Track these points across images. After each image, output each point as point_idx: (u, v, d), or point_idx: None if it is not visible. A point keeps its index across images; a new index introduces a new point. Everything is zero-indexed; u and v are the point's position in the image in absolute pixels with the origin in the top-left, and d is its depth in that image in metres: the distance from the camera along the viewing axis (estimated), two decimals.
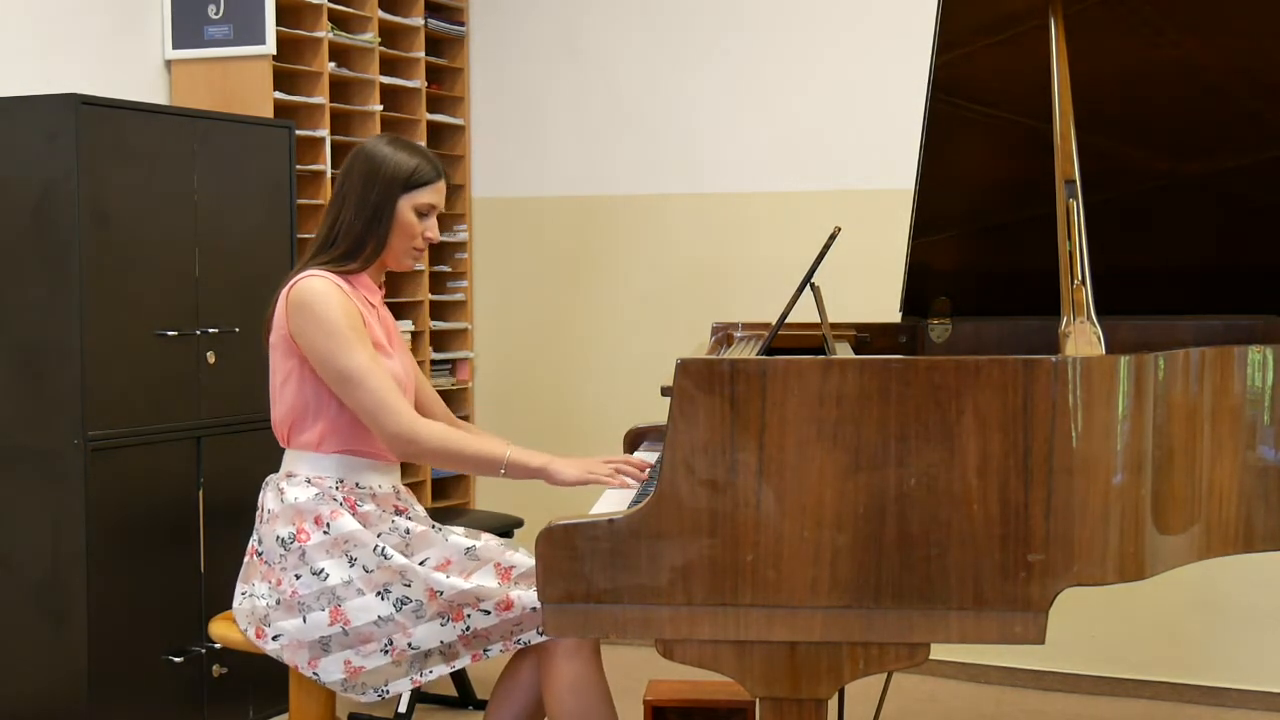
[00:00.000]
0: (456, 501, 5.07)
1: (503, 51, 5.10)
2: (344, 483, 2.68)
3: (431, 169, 2.76)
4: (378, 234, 2.72)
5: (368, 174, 2.73)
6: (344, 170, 2.78)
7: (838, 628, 2.11)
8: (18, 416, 3.53)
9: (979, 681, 4.41)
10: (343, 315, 2.62)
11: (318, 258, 2.73)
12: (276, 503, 2.68)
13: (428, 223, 2.78)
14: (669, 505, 2.10)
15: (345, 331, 2.61)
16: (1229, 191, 3.00)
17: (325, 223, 2.77)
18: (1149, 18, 2.63)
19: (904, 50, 4.05)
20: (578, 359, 5.03)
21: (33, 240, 3.49)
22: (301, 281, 2.66)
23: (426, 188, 2.75)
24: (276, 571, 2.64)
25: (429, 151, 2.82)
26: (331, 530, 2.62)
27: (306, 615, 2.60)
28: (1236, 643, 4.16)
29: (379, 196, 2.72)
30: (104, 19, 4.09)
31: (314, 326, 2.62)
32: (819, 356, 2.13)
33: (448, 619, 2.59)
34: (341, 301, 2.64)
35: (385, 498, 2.73)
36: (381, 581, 2.59)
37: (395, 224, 2.73)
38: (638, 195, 4.90)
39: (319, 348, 2.62)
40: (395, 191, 2.72)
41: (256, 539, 2.72)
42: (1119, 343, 2.97)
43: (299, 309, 2.63)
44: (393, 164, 2.73)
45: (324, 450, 2.69)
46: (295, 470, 2.70)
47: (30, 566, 3.54)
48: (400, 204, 2.73)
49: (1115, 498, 2.10)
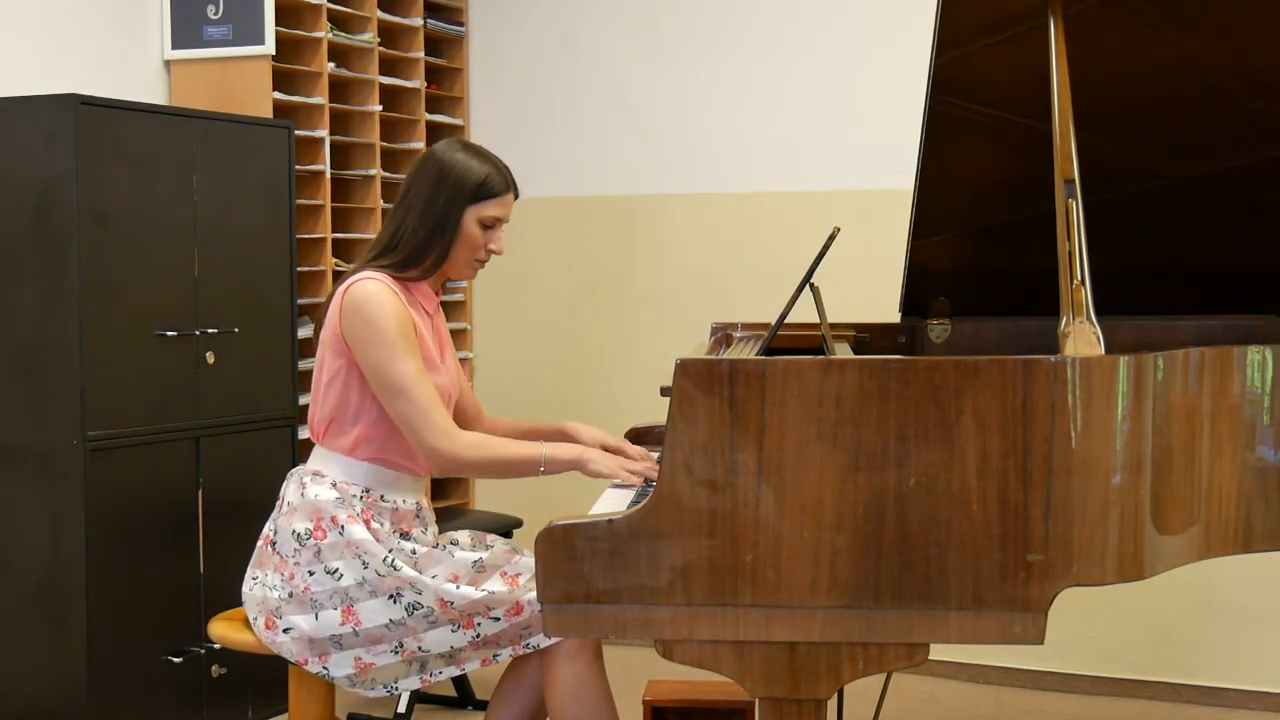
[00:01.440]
0: (456, 502, 5.07)
1: (502, 51, 5.09)
2: (369, 493, 2.65)
3: (502, 180, 2.70)
4: (441, 244, 2.67)
5: (436, 181, 2.67)
6: (413, 172, 2.72)
7: (837, 628, 2.11)
8: (17, 416, 3.53)
9: (978, 681, 4.41)
10: (395, 323, 2.57)
11: (379, 260, 2.67)
12: (297, 496, 2.66)
13: (492, 235, 2.71)
14: (668, 505, 2.10)
15: (396, 339, 2.56)
16: (1229, 191, 3.00)
17: (389, 225, 2.71)
18: (1149, 18, 2.63)
19: (904, 50, 4.05)
20: (577, 359, 5.03)
21: (32, 240, 3.49)
22: (358, 283, 2.61)
23: (494, 200, 2.69)
24: (290, 565, 2.63)
25: (501, 162, 2.74)
26: (345, 534, 2.60)
27: (319, 613, 2.60)
28: (1236, 643, 4.16)
29: (444, 205, 2.66)
30: (104, 19, 4.09)
31: (366, 331, 2.58)
32: (818, 357, 2.13)
33: (458, 625, 2.60)
34: (396, 308, 2.59)
35: (405, 515, 2.70)
36: (393, 587, 2.59)
37: (460, 235, 2.67)
38: (637, 195, 4.90)
39: (369, 353, 2.58)
40: (462, 202, 2.66)
41: (273, 528, 2.71)
42: (1119, 343, 2.97)
43: (353, 311, 2.59)
44: (461, 172, 2.66)
45: (356, 456, 2.66)
46: (323, 470, 2.68)
47: (30, 566, 3.54)
48: (466, 215, 2.67)
49: (1115, 498, 2.10)
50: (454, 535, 2.81)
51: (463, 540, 2.79)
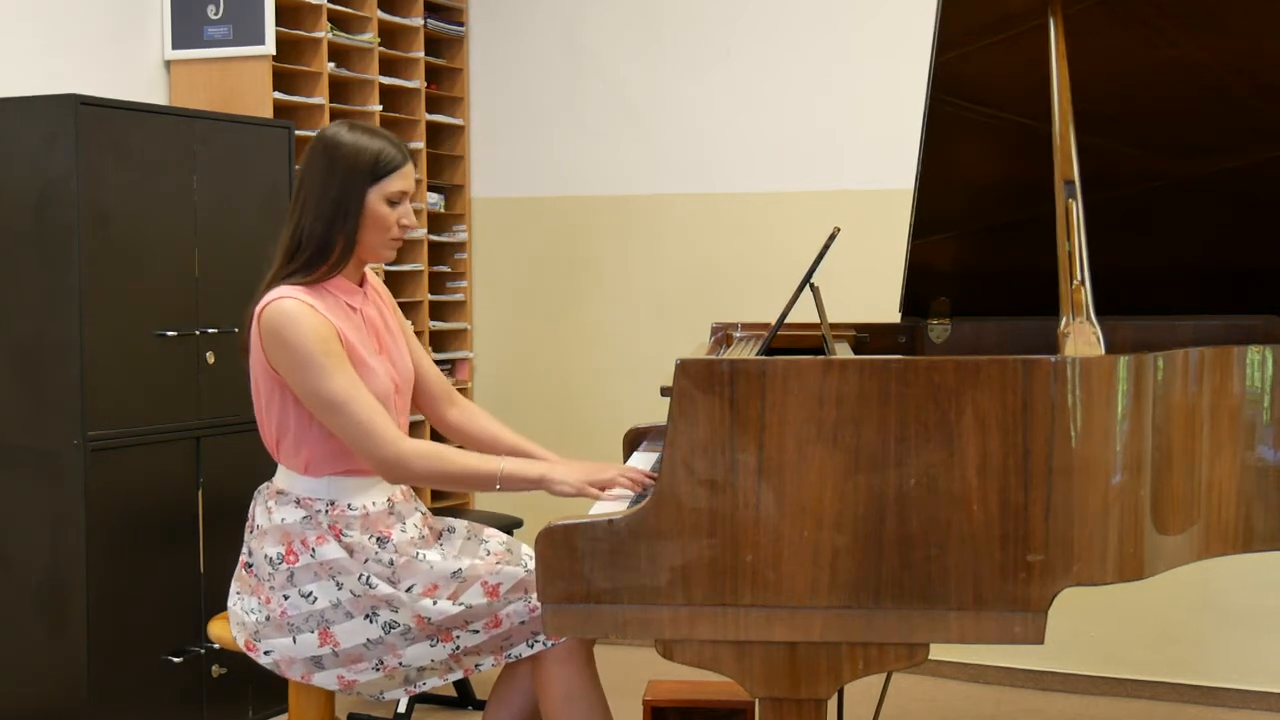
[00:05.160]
0: (456, 503, 5.07)
1: (502, 51, 5.09)
2: (334, 505, 2.57)
3: (397, 152, 2.55)
4: (345, 232, 2.53)
5: (327, 168, 2.53)
6: (303, 165, 2.58)
7: (837, 628, 2.11)
8: (18, 416, 3.53)
9: (979, 681, 4.41)
10: (316, 341, 2.46)
11: (285, 269, 2.55)
12: (265, 519, 2.61)
13: (401, 210, 2.57)
14: (668, 506, 2.10)
15: (320, 359, 2.45)
16: (1229, 191, 3.00)
17: (287, 227, 2.57)
18: (1149, 18, 2.63)
19: (904, 50, 4.05)
20: (577, 359, 5.03)
21: (33, 240, 3.49)
22: (270, 305, 2.49)
23: (394, 174, 2.54)
24: (265, 589, 2.59)
25: (390, 134, 2.60)
26: (317, 555, 2.55)
27: (296, 636, 2.55)
28: (1236, 643, 4.16)
29: (341, 190, 2.52)
30: (104, 19, 4.09)
31: (288, 355, 2.47)
32: (818, 357, 2.13)
33: (437, 640, 2.56)
34: (314, 325, 2.47)
35: (377, 517, 2.60)
36: (369, 606, 2.54)
37: (365, 218, 2.54)
38: (637, 195, 4.90)
39: (297, 376, 2.47)
40: (361, 183, 2.52)
41: (247, 551, 2.66)
42: (1119, 343, 2.98)
43: (271, 337, 2.48)
44: (353, 153, 2.52)
45: (312, 474, 2.58)
46: (286, 489, 2.61)
47: (30, 566, 3.54)
48: (369, 196, 2.53)
49: (1114, 498, 2.10)
50: (451, 523, 2.76)
51: (459, 529, 2.74)
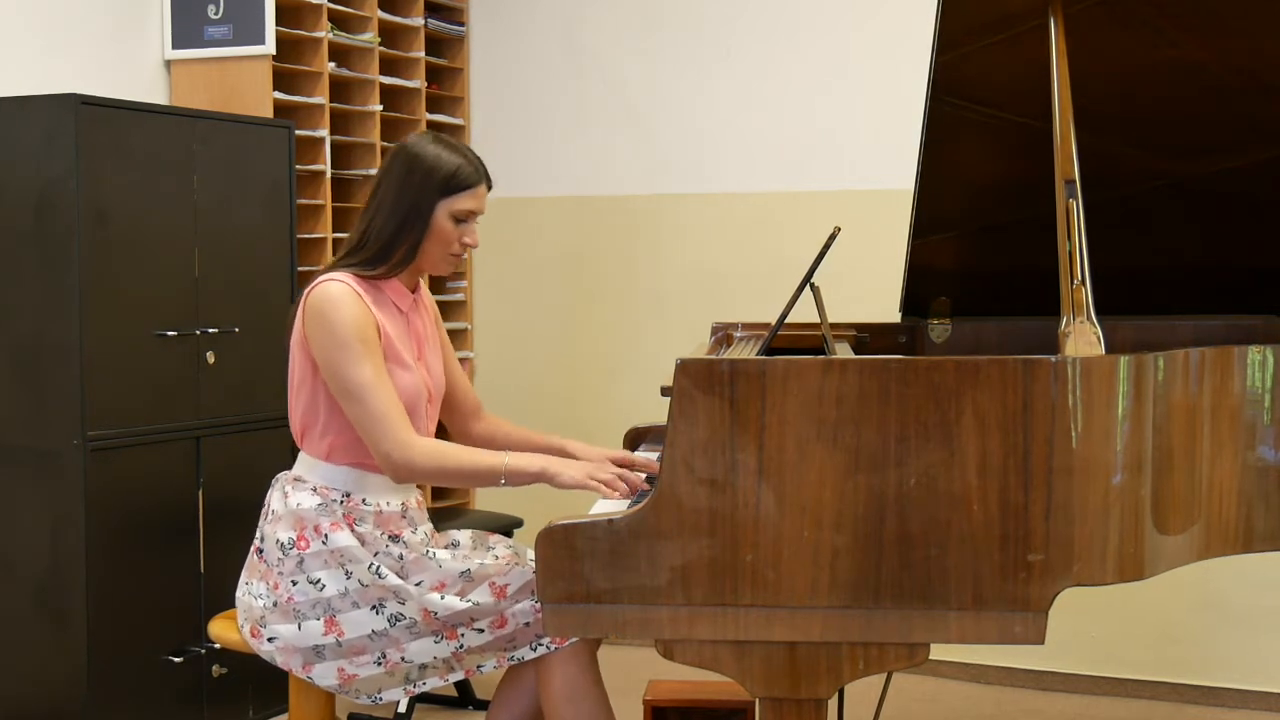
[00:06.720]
0: (456, 502, 5.07)
1: (503, 51, 5.09)
2: (350, 497, 2.60)
3: (474, 171, 2.62)
4: (411, 239, 2.60)
5: (405, 174, 2.60)
6: (383, 168, 2.66)
7: (837, 628, 2.11)
8: (17, 416, 3.53)
9: (979, 681, 4.41)
10: (354, 326, 2.51)
11: (346, 259, 2.62)
12: (281, 504, 2.64)
13: (466, 228, 2.64)
14: (668, 505, 2.10)
15: (353, 343, 2.50)
16: (1229, 191, 3.00)
17: (359, 223, 2.65)
18: (1149, 18, 2.63)
19: (904, 50, 4.05)
20: (577, 359, 5.03)
21: (32, 240, 3.49)
22: (321, 285, 2.56)
23: (466, 192, 2.61)
24: (274, 575, 2.61)
25: (473, 153, 2.67)
26: (329, 542, 2.57)
27: (301, 623, 2.56)
28: (1236, 643, 4.16)
29: (414, 199, 2.58)
30: (104, 19, 4.09)
31: (324, 334, 2.52)
32: (818, 357, 2.13)
33: (441, 636, 2.56)
34: (356, 311, 2.53)
35: (389, 517, 2.63)
36: (376, 597, 2.55)
37: (431, 229, 2.60)
38: (637, 195, 4.90)
39: (326, 355, 2.53)
40: (432, 195, 2.59)
41: (260, 536, 2.68)
42: (1119, 343, 2.98)
43: (314, 314, 2.54)
44: (431, 164, 2.59)
45: (334, 461, 2.61)
46: (305, 476, 2.64)
47: (30, 566, 3.53)
48: (438, 209, 2.59)
49: (1115, 498, 2.10)
50: (455, 536, 2.78)
51: (464, 541, 2.76)
